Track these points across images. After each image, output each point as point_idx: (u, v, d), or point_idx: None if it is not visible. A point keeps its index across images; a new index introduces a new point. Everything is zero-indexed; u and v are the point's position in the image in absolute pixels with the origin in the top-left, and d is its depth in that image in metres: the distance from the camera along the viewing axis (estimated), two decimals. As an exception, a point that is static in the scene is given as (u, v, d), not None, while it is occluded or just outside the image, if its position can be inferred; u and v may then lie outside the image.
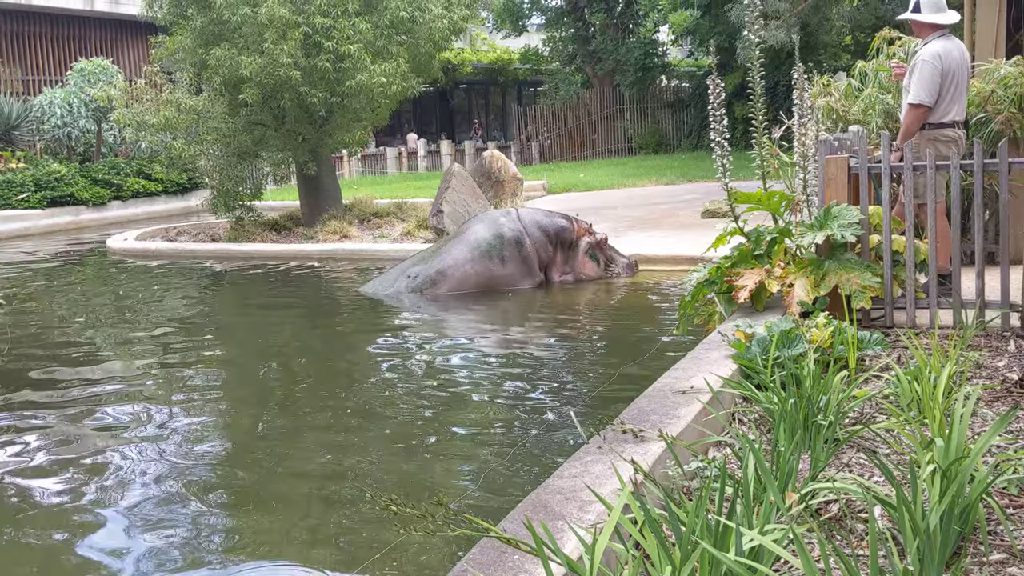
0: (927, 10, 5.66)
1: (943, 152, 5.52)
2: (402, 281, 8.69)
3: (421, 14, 13.25)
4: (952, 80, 5.60)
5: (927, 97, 5.58)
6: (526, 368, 6.13)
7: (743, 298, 5.01)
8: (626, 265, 9.27)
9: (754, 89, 5.44)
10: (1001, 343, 4.67)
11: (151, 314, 8.75)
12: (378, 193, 17.92)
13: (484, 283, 8.62)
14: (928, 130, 5.70)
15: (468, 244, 8.74)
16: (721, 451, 3.40)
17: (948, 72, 5.57)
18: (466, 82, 35.11)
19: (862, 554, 2.46)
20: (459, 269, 8.59)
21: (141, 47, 24.35)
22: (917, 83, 5.59)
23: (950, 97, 5.63)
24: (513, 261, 8.68)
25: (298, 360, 6.77)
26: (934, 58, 5.57)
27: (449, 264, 8.64)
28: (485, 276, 8.62)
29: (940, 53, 5.57)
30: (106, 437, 4.99)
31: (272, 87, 12.45)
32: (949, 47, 5.62)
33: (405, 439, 4.81)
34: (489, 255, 8.65)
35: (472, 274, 8.60)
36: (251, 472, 4.43)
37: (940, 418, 3.18)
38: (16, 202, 17.38)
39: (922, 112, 5.62)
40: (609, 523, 2.14)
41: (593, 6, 29.48)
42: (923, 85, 5.57)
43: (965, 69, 5.70)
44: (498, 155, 14.70)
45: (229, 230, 13.76)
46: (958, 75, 5.63)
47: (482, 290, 8.60)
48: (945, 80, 5.58)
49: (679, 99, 30.86)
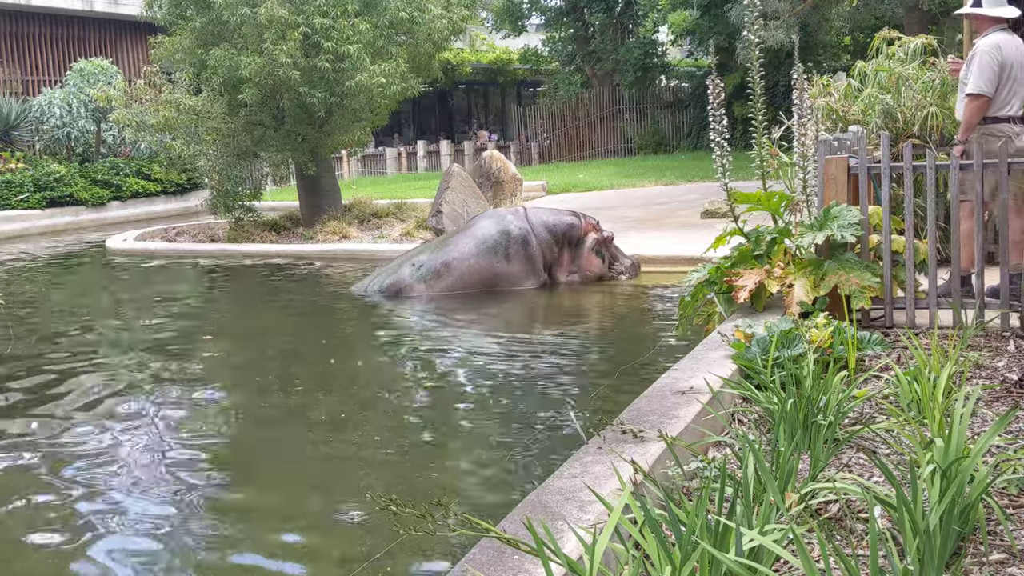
0: (988, 4, 5.61)
1: (992, 148, 5.43)
2: (406, 268, 8.71)
3: (420, 14, 13.25)
4: (1011, 73, 5.52)
5: (987, 87, 5.46)
6: (525, 368, 6.13)
7: (743, 298, 5.00)
8: (629, 265, 9.28)
9: (754, 89, 5.44)
10: (1001, 343, 4.67)
11: (150, 314, 8.74)
12: (377, 193, 17.92)
13: (488, 279, 8.64)
14: (985, 124, 5.58)
15: (475, 239, 8.77)
16: (721, 451, 3.40)
17: (1007, 64, 5.49)
18: (465, 82, 35.10)
19: (862, 554, 2.46)
20: (464, 262, 8.61)
21: (140, 47, 24.34)
22: (977, 73, 5.48)
23: (1008, 90, 5.53)
24: (518, 259, 8.70)
25: (297, 360, 6.77)
26: (994, 48, 5.49)
27: (455, 257, 8.66)
28: (490, 272, 8.64)
29: (1000, 44, 5.50)
30: (104, 437, 4.99)
31: (271, 87, 12.45)
32: (1008, 40, 5.55)
33: (404, 438, 4.81)
34: (495, 251, 8.67)
35: (477, 269, 8.62)
36: (250, 471, 4.43)
37: (940, 418, 3.18)
38: (15, 203, 17.37)
39: (983, 103, 5.50)
40: (609, 523, 2.14)
41: (592, 6, 29.48)
42: (983, 75, 5.46)
43: (1022, 63, 5.64)
44: (497, 155, 14.70)
45: (228, 230, 13.76)
46: (1016, 69, 5.53)
47: (485, 287, 8.62)
48: (1004, 72, 5.51)
49: (678, 99, 30.86)
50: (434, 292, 8.53)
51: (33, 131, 20.25)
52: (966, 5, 5.75)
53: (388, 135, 32.07)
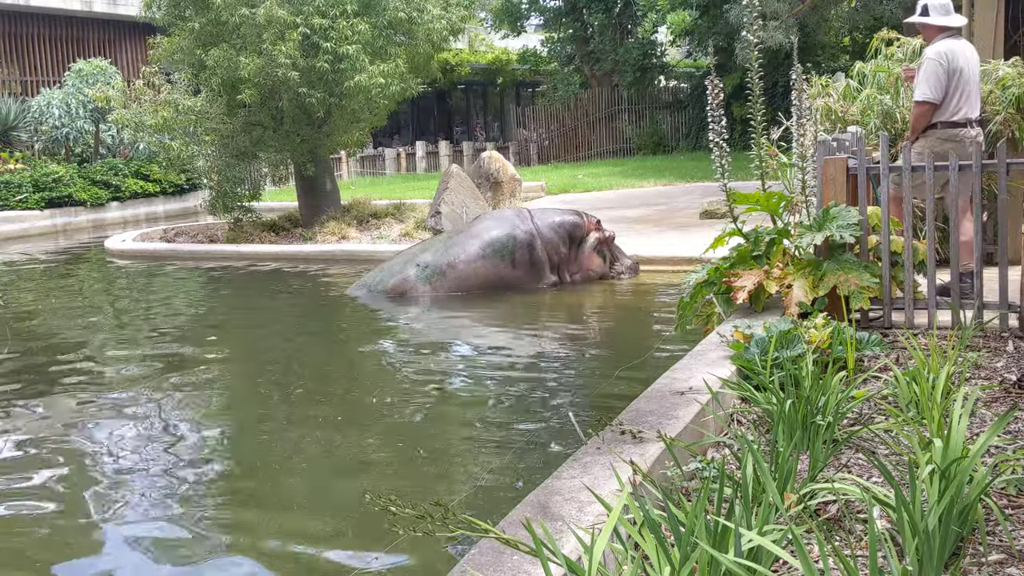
0: (935, 13, 5.67)
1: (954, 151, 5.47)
2: (411, 269, 8.72)
3: (419, 15, 13.25)
4: (960, 78, 5.58)
5: (931, 94, 5.55)
6: (524, 369, 6.13)
7: (742, 299, 5.00)
8: (629, 266, 9.30)
9: (752, 90, 5.44)
10: (999, 344, 4.67)
11: (149, 315, 8.74)
12: (376, 194, 17.92)
13: (493, 282, 8.68)
14: (940, 129, 5.65)
15: (481, 241, 8.79)
16: (720, 452, 3.40)
17: (955, 70, 5.55)
18: (464, 83, 35.10)
19: (861, 555, 2.46)
20: (470, 265, 8.64)
21: (139, 48, 24.34)
22: (923, 80, 5.58)
23: (959, 95, 5.60)
24: (523, 265, 8.74)
25: (297, 361, 6.77)
26: (939, 56, 5.56)
27: (461, 259, 8.68)
28: (495, 276, 8.67)
29: (945, 52, 5.56)
30: (103, 437, 4.99)
31: (270, 88, 12.44)
32: (956, 46, 5.61)
33: (403, 439, 4.81)
34: (501, 255, 8.70)
35: (482, 271, 8.65)
36: (248, 472, 4.43)
37: (939, 419, 3.18)
38: (14, 203, 17.37)
39: (927, 109, 5.60)
40: (608, 524, 2.14)
41: (591, 6, 29.49)
42: (927, 82, 5.56)
43: (974, 68, 5.67)
44: (496, 156, 14.70)
45: (227, 231, 13.75)
46: (967, 73, 5.59)
47: (489, 288, 8.64)
48: (952, 78, 5.56)
49: (677, 100, 30.87)
50: (439, 292, 8.56)
51: (32, 131, 20.24)
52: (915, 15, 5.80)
53: (387, 136, 32.09)
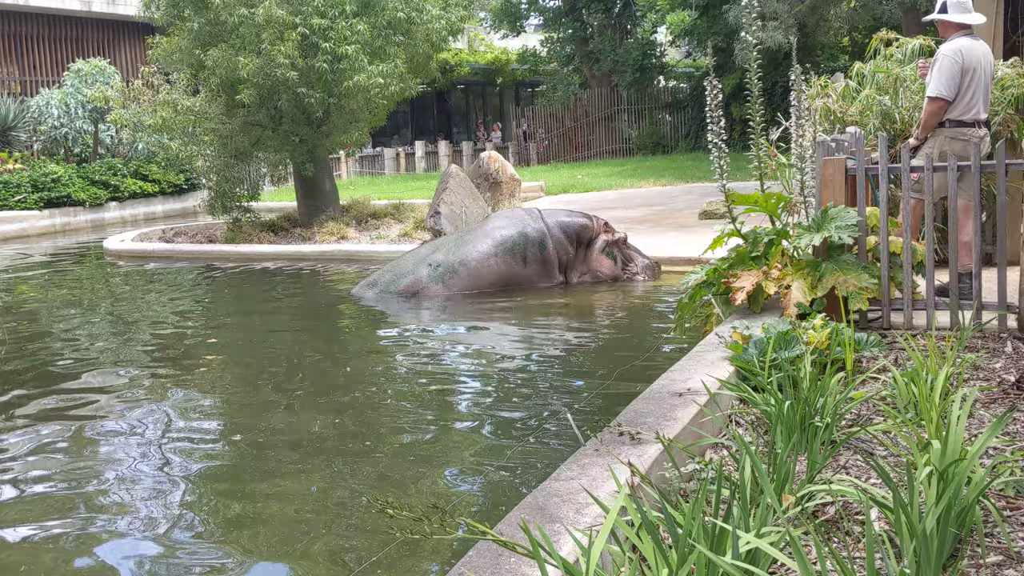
0: (954, 10, 5.66)
1: (959, 151, 5.48)
2: (423, 269, 8.74)
3: (419, 15, 13.25)
4: (973, 77, 5.56)
5: (945, 91, 5.53)
6: (523, 370, 6.13)
7: (740, 300, 5.00)
8: (645, 266, 9.18)
9: (751, 90, 5.44)
10: (998, 345, 4.67)
11: (148, 315, 8.73)
12: (375, 194, 17.92)
13: (504, 281, 8.71)
14: (949, 127, 5.64)
15: (493, 240, 8.82)
16: (718, 453, 3.39)
17: (969, 68, 5.54)
18: (464, 83, 35.10)
19: (859, 556, 2.45)
20: (483, 263, 8.67)
21: (138, 48, 24.34)
22: (936, 77, 5.56)
23: (972, 94, 5.58)
24: (535, 262, 8.77)
25: (296, 361, 6.76)
26: (955, 53, 5.55)
27: (474, 256, 8.71)
28: (507, 274, 8.71)
29: (961, 49, 5.55)
30: (102, 437, 4.98)
31: (269, 88, 12.44)
32: (972, 44, 5.60)
33: (401, 441, 4.80)
34: (512, 252, 8.73)
35: (495, 270, 8.68)
36: (247, 473, 4.42)
37: (937, 420, 3.17)
38: (13, 203, 17.36)
39: (940, 105, 5.57)
40: (605, 526, 2.13)
41: (591, 7, 29.50)
42: (941, 79, 5.54)
43: (988, 68, 5.66)
44: (496, 156, 14.70)
45: (226, 231, 13.75)
46: (980, 73, 5.58)
47: (500, 287, 8.66)
48: (966, 76, 5.54)
49: (677, 100, 30.88)
50: (451, 291, 8.59)
51: (31, 132, 20.23)
52: (934, 11, 5.79)
53: (386, 136, 32.08)
